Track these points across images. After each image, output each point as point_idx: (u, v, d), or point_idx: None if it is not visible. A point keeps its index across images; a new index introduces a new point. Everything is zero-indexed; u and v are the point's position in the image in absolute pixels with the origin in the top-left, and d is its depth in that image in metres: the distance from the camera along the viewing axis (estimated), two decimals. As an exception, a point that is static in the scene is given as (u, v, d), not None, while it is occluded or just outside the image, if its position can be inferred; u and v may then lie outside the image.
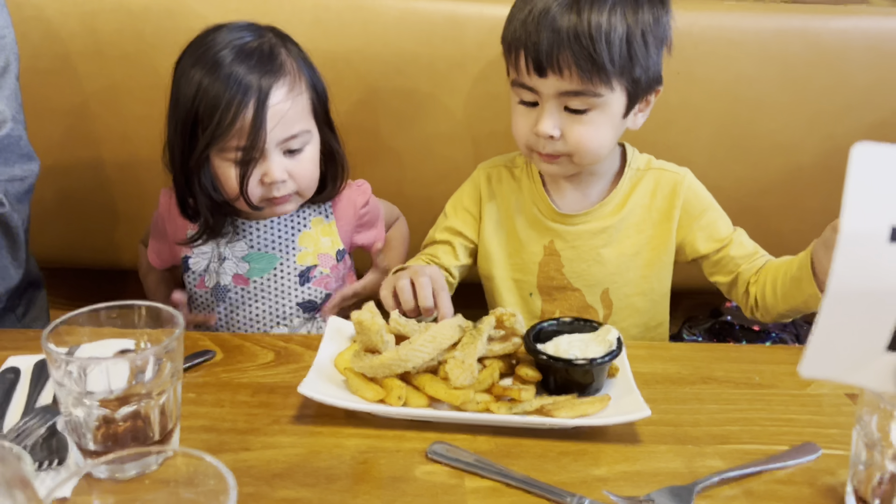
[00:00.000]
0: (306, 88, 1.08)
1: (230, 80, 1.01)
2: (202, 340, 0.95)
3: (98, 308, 0.71)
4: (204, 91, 1.01)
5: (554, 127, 1.02)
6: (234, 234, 1.15)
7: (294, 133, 1.06)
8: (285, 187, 1.08)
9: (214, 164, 1.07)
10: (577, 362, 0.81)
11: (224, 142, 1.02)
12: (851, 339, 0.45)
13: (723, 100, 1.38)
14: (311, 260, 1.18)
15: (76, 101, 1.36)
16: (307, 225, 1.18)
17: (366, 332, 0.81)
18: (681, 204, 1.14)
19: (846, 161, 1.32)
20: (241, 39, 1.05)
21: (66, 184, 1.39)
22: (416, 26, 1.32)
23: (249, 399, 0.83)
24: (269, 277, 1.16)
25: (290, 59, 1.07)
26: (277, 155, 1.06)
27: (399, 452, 0.74)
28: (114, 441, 0.67)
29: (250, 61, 1.03)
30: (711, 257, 1.15)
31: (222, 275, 1.15)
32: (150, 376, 0.68)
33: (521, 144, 1.09)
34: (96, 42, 1.32)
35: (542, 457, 0.74)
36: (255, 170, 1.05)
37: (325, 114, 1.14)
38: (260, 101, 1.01)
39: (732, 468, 0.73)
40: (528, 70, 1.01)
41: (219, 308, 1.17)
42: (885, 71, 1.35)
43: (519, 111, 1.08)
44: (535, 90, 1.03)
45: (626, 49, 0.99)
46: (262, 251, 1.16)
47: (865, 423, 0.66)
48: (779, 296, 1.05)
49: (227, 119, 1.00)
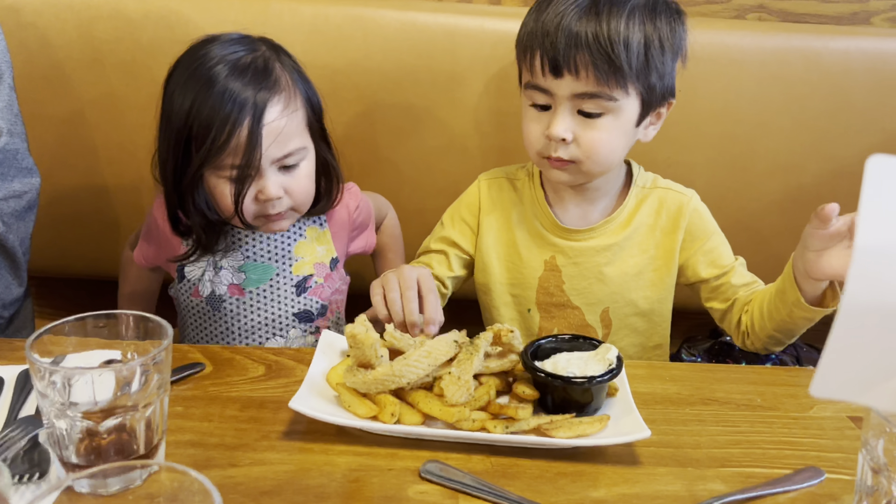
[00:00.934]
0: (301, 105, 1.07)
1: (225, 98, 0.99)
2: (192, 353, 0.93)
3: (84, 317, 0.69)
4: (198, 109, 0.99)
5: (566, 130, 1.01)
6: (231, 244, 1.14)
7: (290, 150, 1.04)
8: (281, 204, 1.06)
9: (209, 182, 1.05)
10: (576, 381, 0.79)
11: (219, 160, 1.01)
12: (864, 357, 0.43)
13: (723, 119, 1.37)
14: (308, 269, 1.17)
15: (72, 110, 1.35)
16: (303, 234, 1.17)
17: (359, 346, 0.79)
18: (685, 226, 1.13)
19: (847, 182, 1.31)
20: (235, 54, 1.03)
21: (58, 192, 1.37)
22: (416, 39, 1.32)
23: (238, 413, 0.81)
24: (266, 288, 1.14)
25: (284, 73, 1.06)
26: (273, 172, 1.04)
27: (391, 471, 0.72)
28: (97, 454, 0.65)
29: (245, 77, 1.01)
30: (711, 283, 1.14)
31: (217, 284, 1.14)
32: (136, 388, 0.66)
33: (532, 150, 1.07)
34: (93, 50, 1.31)
35: (539, 478, 0.72)
36: (250, 187, 1.03)
37: (321, 128, 1.12)
38: (255, 119, 1.00)
39: (734, 492, 0.71)
40: (544, 70, 1.00)
41: (213, 317, 1.15)
42: (886, 92, 1.35)
43: (531, 115, 1.06)
44: (550, 92, 1.02)
45: (643, 53, 0.99)
46: (259, 262, 1.14)
47: (871, 447, 0.64)
48: (766, 314, 1.04)
49: (223, 137, 0.99)
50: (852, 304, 0.41)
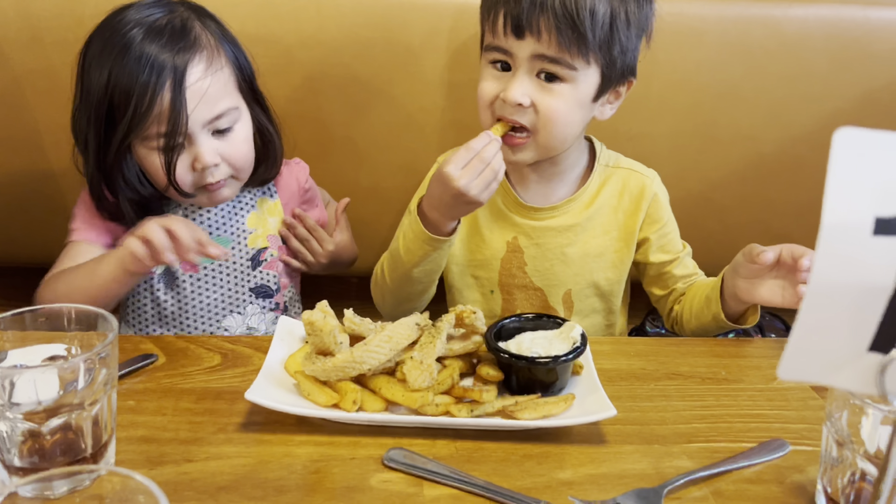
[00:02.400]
0: (227, 64, 1.03)
1: (142, 63, 0.95)
2: (143, 343, 0.90)
3: (23, 311, 0.66)
4: (115, 77, 0.95)
5: (524, 95, 0.99)
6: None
7: (219, 112, 1.00)
8: (219, 172, 1.02)
9: (139, 155, 1.01)
10: (540, 360, 0.78)
11: (144, 129, 0.97)
12: (832, 338, 0.42)
13: (684, 89, 1.36)
14: (262, 242, 1.14)
15: (11, 91, 1.28)
16: (254, 206, 1.14)
17: (317, 332, 0.77)
18: (646, 208, 1.12)
19: (806, 149, 1.30)
20: (151, 16, 0.99)
21: (0, 177, 1.31)
22: (372, 12, 1.28)
23: (193, 406, 0.78)
24: (221, 263, 1.12)
25: (205, 32, 1.02)
26: (206, 137, 1.00)
27: (354, 460, 0.70)
28: (41, 456, 0.62)
29: (161, 39, 0.97)
30: (657, 268, 1.15)
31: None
32: (82, 385, 0.63)
33: (485, 111, 1.04)
34: (32, 28, 1.25)
35: (505, 461, 0.71)
36: (183, 155, 0.99)
37: (253, 90, 1.08)
38: (177, 81, 0.96)
39: (700, 468, 0.70)
40: (506, 30, 0.98)
41: (167, 296, 1.11)
42: (845, 59, 1.35)
43: (489, 73, 1.03)
44: (510, 52, 0.99)
45: (608, 25, 0.97)
46: (213, 236, 1.11)
47: (835, 419, 0.64)
48: (693, 313, 1.09)
49: (144, 104, 0.95)
50: (820, 283, 0.39)
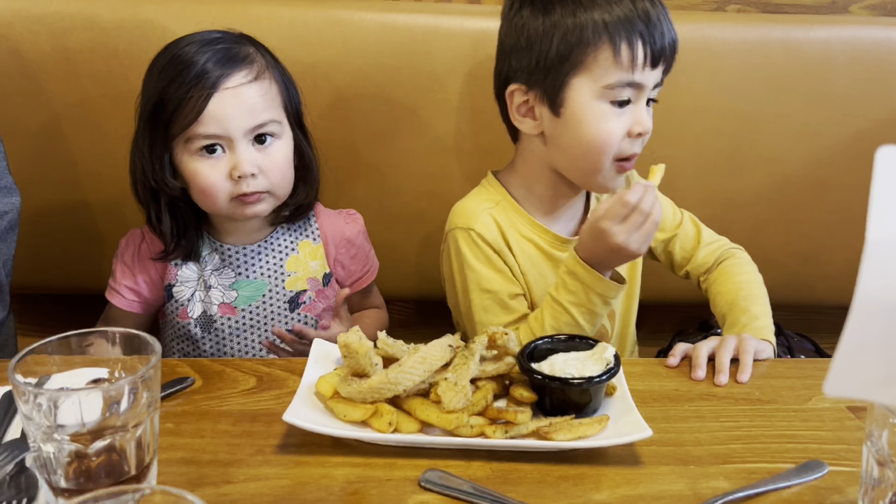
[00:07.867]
0: (275, 82, 1.05)
1: (192, 68, 0.98)
2: (180, 367, 0.91)
3: (69, 336, 0.67)
4: (167, 84, 0.99)
5: (650, 122, 1.00)
6: (221, 261, 1.11)
7: (262, 121, 1.02)
8: (255, 183, 1.03)
9: (182, 162, 1.03)
10: (574, 381, 0.78)
11: (190, 131, 0.99)
12: (877, 355, 0.42)
13: (706, 113, 1.37)
14: (301, 285, 1.14)
15: (48, 123, 1.32)
16: (295, 248, 1.14)
17: (353, 354, 0.78)
18: None
19: (830, 172, 1.30)
20: (208, 36, 1.03)
21: (37, 207, 1.34)
22: (396, 41, 1.30)
23: (231, 428, 0.79)
24: (258, 305, 1.12)
25: (258, 55, 1.05)
26: (246, 145, 1.02)
27: (390, 481, 0.71)
28: (87, 477, 0.63)
29: (215, 47, 1.01)
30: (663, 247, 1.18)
31: (208, 304, 1.10)
32: (125, 407, 0.64)
33: (608, 152, 0.99)
34: (67, 62, 1.28)
35: (541, 482, 0.71)
36: (222, 162, 1.01)
37: (298, 115, 1.10)
38: (222, 82, 0.99)
39: (738, 489, 0.70)
40: (646, 61, 0.96)
41: (204, 339, 1.12)
42: (867, 80, 1.35)
43: (612, 114, 0.98)
44: (642, 84, 0.97)
45: None
46: (251, 278, 1.11)
47: (875, 439, 0.64)
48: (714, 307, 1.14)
49: (191, 105, 0.98)
50: (865, 299, 0.40)
